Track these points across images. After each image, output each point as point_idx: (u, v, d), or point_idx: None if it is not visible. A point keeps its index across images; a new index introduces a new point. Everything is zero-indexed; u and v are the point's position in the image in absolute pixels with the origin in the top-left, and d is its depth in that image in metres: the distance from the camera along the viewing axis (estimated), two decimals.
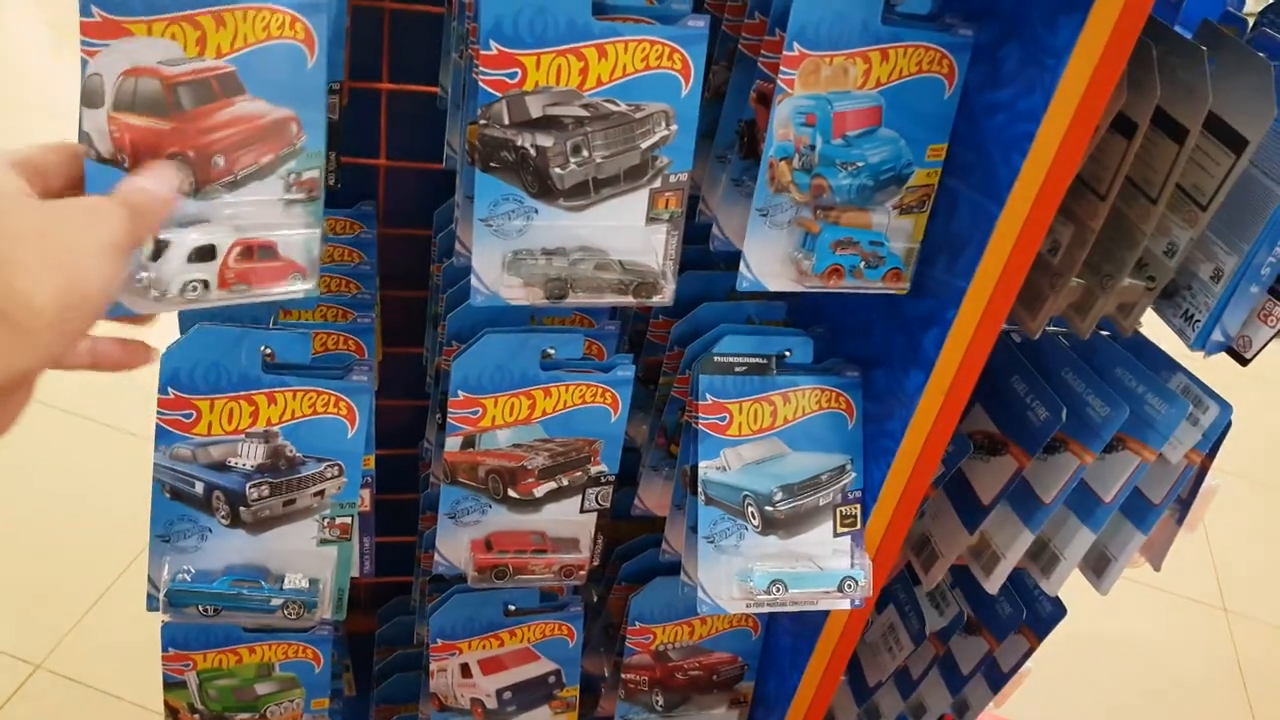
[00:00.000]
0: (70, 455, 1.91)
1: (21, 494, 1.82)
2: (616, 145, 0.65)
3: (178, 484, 0.72)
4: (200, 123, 0.57)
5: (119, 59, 0.57)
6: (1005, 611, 0.95)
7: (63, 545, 1.73)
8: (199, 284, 0.60)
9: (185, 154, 0.58)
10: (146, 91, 0.57)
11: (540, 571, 0.80)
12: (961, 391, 0.74)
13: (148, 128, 0.57)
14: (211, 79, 0.57)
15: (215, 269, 0.60)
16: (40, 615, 1.61)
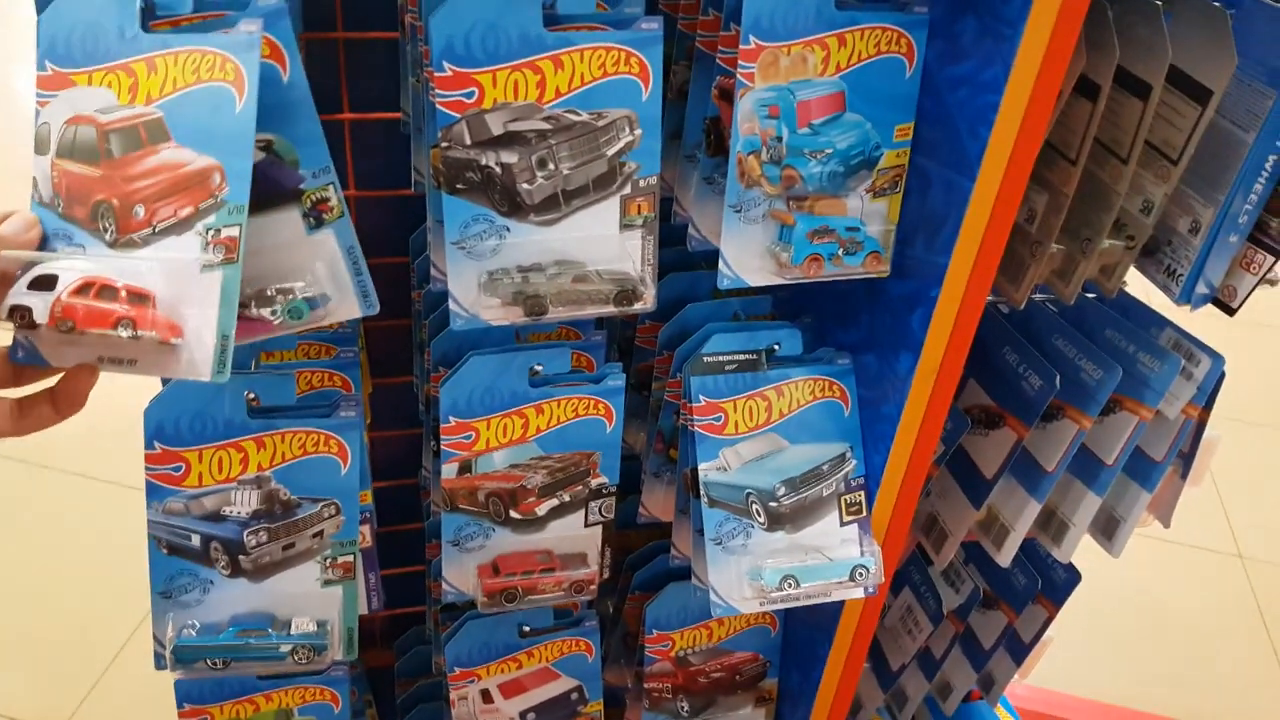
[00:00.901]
0: (74, 515, 1.90)
1: (29, 557, 1.81)
2: (582, 155, 0.65)
3: (174, 538, 0.71)
4: (126, 170, 0.56)
5: (64, 108, 0.57)
6: (1020, 583, 0.95)
7: (75, 606, 1.72)
8: (25, 311, 0.54)
9: (109, 201, 0.57)
10: (84, 139, 0.57)
11: (550, 590, 0.79)
12: (953, 369, 0.73)
13: (81, 174, 0.57)
14: (139, 125, 0.57)
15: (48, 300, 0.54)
16: (60, 677, 1.60)
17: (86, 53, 0.56)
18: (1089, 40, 0.65)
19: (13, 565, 1.79)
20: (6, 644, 1.66)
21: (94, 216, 0.57)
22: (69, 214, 0.57)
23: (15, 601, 1.73)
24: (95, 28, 0.55)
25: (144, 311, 0.55)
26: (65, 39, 0.55)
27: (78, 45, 0.56)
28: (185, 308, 0.56)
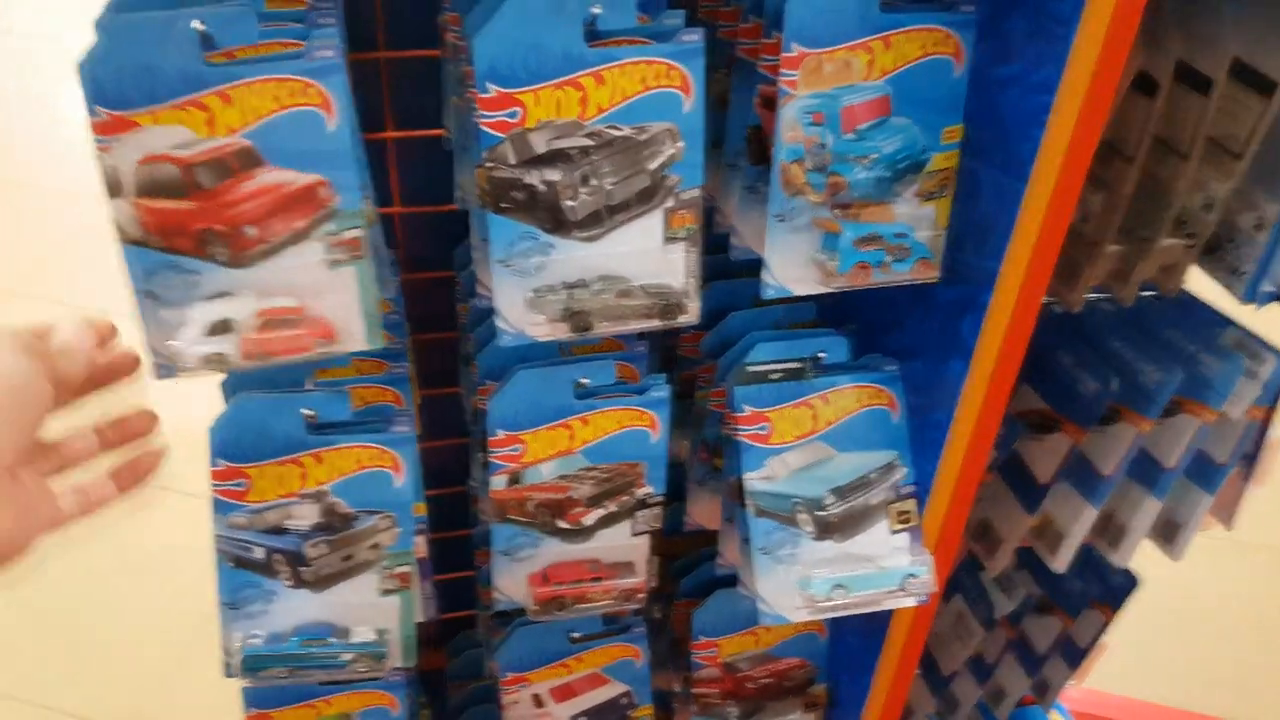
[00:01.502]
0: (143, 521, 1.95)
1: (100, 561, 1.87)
2: (624, 170, 0.65)
3: (239, 551, 0.73)
4: (223, 197, 0.59)
5: (132, 150, 0.58)
6: (1076, 588, 0.93)
7: (141, 609, 1.78)
8: (219, 356, 0.61)
9: (214, 228, 0.59)
10: (165, 176, 0.58)
11: (599, 599, 0.80)
12: (1006, 376, 0.72)
13: (171, 209, 0.59)
14: (228, 156, 0.58)
15: (235, 341, 0.61)
16: (127, 680, 1.65)
17: (144, 93, 0.57)
18: (1146, 35, 0.63)
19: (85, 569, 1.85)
20: (78, 646, 1.72)
21: (201, 244, 0.60)
22: (171, 246, 0.60)
23: (86, 604, 1.78)
24: (149, 69, 0.56)
25: (322, 324, 0.62)
26: (116, 82, 0.56)
27: (131, 87, 0.56)
28: (330, 304, 0.62)
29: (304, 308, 0.62)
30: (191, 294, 0.62)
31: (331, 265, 0.62)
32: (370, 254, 0.63)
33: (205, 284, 0.62)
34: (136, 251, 0.60)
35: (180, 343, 0.61)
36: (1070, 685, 1.00)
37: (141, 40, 0.56)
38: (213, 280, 0.61)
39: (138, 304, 0.62)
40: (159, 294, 0.61)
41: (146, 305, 0.62)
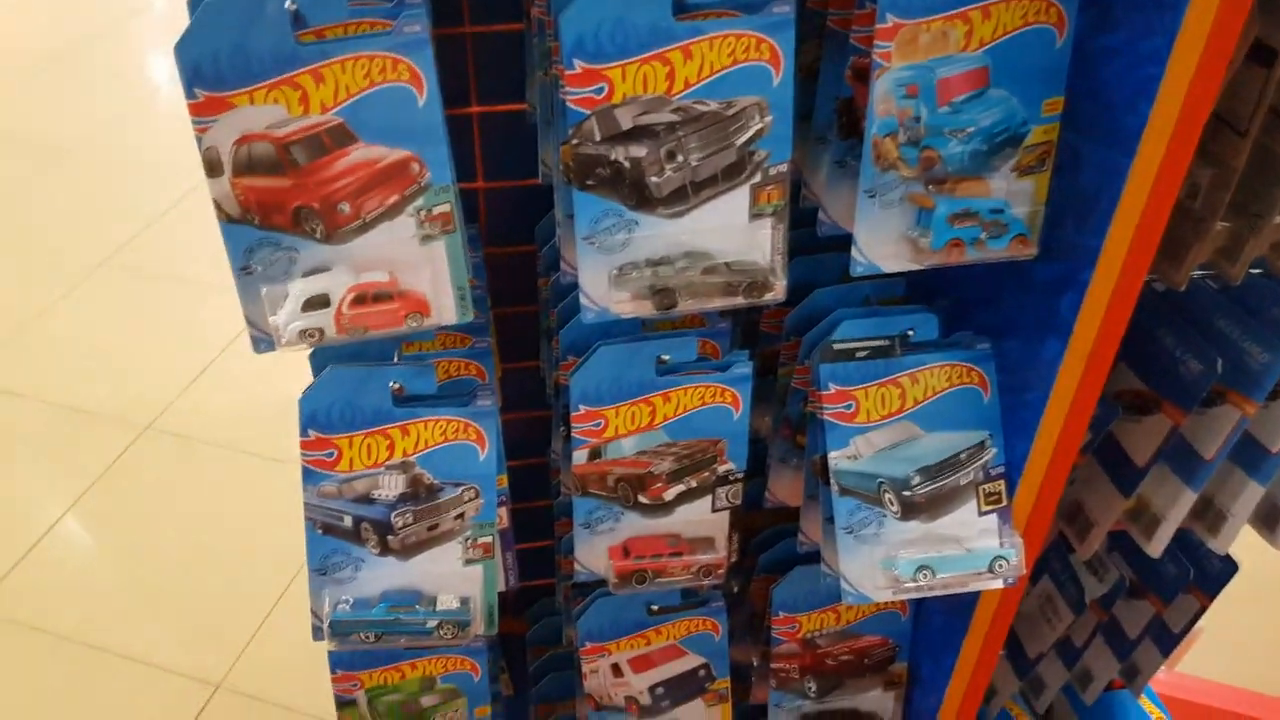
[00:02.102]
0: (228, 485, 2.03)
1: (182, 525, 1.95)
2: (711, 145, 0.64)
3: (328, 519, 0.75)
4: (318, 175, 0.60)
5: (229, 130, 0.59)
6: (1170, 572, 0.90)
7: (228, 569, 1.85)
8: (316, 331, 0.63)
9: (310, 205, 0.60)
10: (261, 154, 0.59)
11: (679, 574, 0.80)
12: (1104, 356, 0.70)
13: (268, 186, 0.60)
14: (322, 133, 0.59)
15: (330, 316, 0.63)
16: (216, 637, 1.72)
17: (239, 74, 0.58)
18: (1263, 3, 0.60)
19: (173, 532, 1.93)
20: (163, 602, 1.80)
21: (297, 221, 0.61)
22: (269, 223, 0.61)
23: (173, 564, 1.86)
24: (243, 50, 0.57)
25: (414, 297, 0.64)
26: (211, 64, 0.57)
27: (227, 68, 0.57)
28: (421, 278, 0.64)
29: (396, 282, 0.64)
30: (289, 270, 0.63)
31: (423, 240, 0.63)
32: (460, 229, 0.64)
33: (302, 260, 0.63)
34: (235, 229, 0.62)
35: (278, 318, 0.63)
36: (1161, 671, 0.97)
37: (235, 21, 0.57)
38: (309, 256, 0.63)
39: (237, 280, 0.63)
40: (257, 270, 0.63)
41: (245, 281, 0.63)
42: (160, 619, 1.77)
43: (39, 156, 3.05)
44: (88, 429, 2.13)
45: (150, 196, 2.83)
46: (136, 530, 1.94)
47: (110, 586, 1.84)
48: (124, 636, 1.73)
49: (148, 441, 2.10)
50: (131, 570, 1.87)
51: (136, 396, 2.19)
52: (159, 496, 2.00)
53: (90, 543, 1.93)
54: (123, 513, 1.96)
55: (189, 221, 2.74)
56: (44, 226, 2.77)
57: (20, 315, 2.44)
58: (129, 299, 2.52)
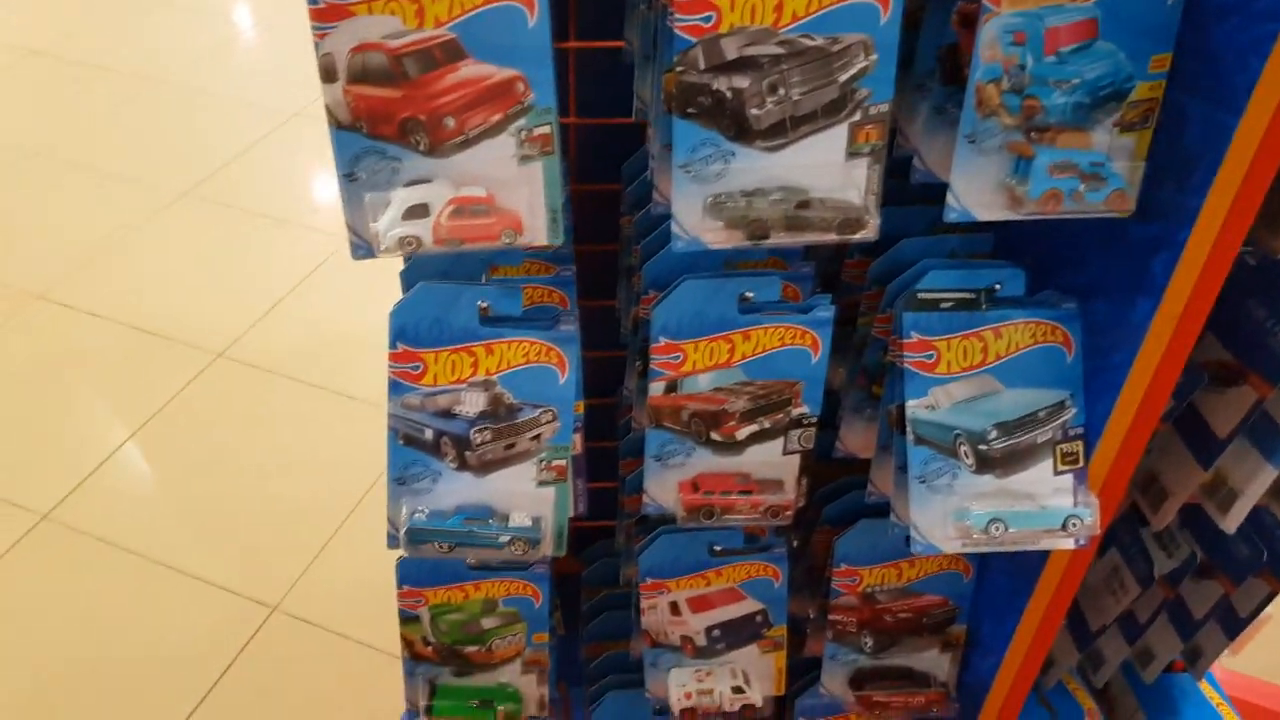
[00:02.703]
0: (292, 416, 2.09)
1: (247, 451, 2.01)
2: (814, 81, 0.64)
3: (410, 431, 0.77)
4: (428, 88, 0.62)
5: (346, 38, 0.61)
6: (1243, 553, 0.89)
7: (288, 498, 1.91)
8: (414, 239, 0.65)
9: (417, 117, 0.62)
10: (375, 64, 0.61)
11: (747, 512, 0.81)
12: (1195, 319, 0.69)
13: (380, 96, 0.62)
14: (434, 47, 0.61)
15: (429, 225, 0.65)
16: (274, 562, 1.78)
17: None
18: None
19: (238, 458, 1.99)
20: (225, 525, 1.86)
21: (404, 132, 0.63)
22: (376, 133, 0.63)
23: (236, 489, 1.93)
24: None
25: (510, 215, 0.65)
26: None
27: None
28: (517, 197, 0.65)
29: (494, 198, 0.65)
30: (391, 179, 0.65)
31: (522, 160, 0.65)
32: (558, 153, 0.65)
33: (404, 171, 0.65)
34: (344, 136, 0.64)
35: (379, 224, 0.65)
36: (1225, 656, 0.96)
37: None
38: (411, 167, 0.65)
39: (341, 186, 0.66)
40: (362, 177, 0.65)
41: (350, 188, 0.65)
42: (221, 541, 1.83)
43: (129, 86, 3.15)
44: (161, 353, 2.20)
45: (235, 133, 2.90)
46: (203, 454, 2.00)
47: (174, 507, 1.91)
48: (185, 555, 1.79)
49: (218, 369, 2.17)
50: (196, 492, 1.93)
51: (210, 325, 2.26)
52: (226, 423, 2.07)
53: (157, 463, 2.00)
54: (190, 437, 2.03)
55: (272, 159, 2.81)
56: (129, 154, 2.85)
57: (101, 239, 2.52)
58: (208, 230, 2.59)
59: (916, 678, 0.97)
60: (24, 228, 2.59)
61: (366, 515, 1.83)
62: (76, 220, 2.60)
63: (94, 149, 2.86)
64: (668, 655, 0.96)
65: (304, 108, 2.96)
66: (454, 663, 0.96)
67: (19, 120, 3.00)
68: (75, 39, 3.36)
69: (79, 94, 3.11)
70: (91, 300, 2.33)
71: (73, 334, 2.25)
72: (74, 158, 2.82)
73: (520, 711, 0.97)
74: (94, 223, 2.58)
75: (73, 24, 3.45)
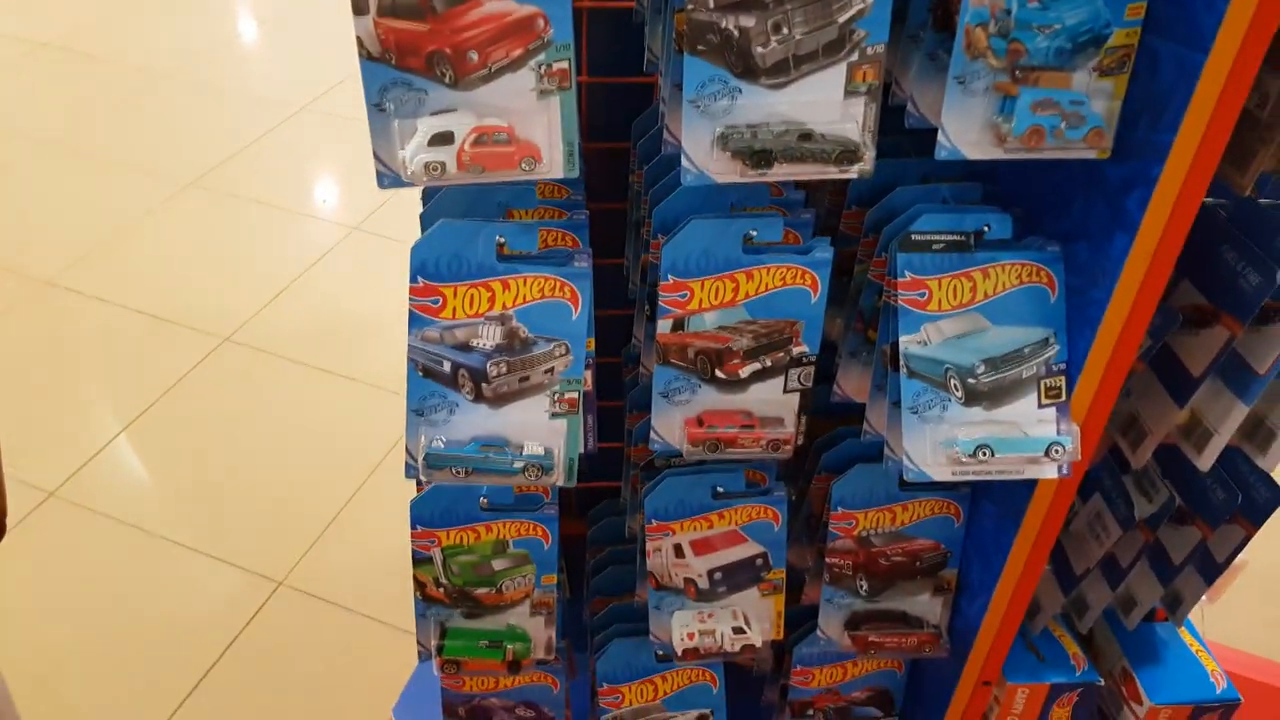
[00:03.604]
0: (297, 397, 2.12)
1: (253, 432, 2.04)
2: (815, 21, 0.69)
3: (429, 363, 0.81)
4: (453, 23, 0.66)
5: None
6: (1219, 498, 0.93)
7: (296, 477, 1.94)
8: (439, 165, 0.69)
9: (443, 50, 0.66)
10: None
11: (749, 446, 0.85)
12: (1169, 253, 0.74)
13: (408, 29, 0.66)
14: None
15: (453, 152, 0.69)
16: (280, 539, 1.81)
17: None
18: None
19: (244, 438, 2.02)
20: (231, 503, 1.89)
21: (430, 64, 0.68)
22: (404, 64, 0.68)
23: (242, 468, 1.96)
24: None
25: (529, 146, 0.69)
26: None
27: None
28: (536, 129, 0.69)
29: (514, 129, 0.70)
30: (417, 110, 0.70)
31: (541, 94, 0.69)
32: (574, 88, 0.70)
33: (430, 102, 0.69)
34: (373, 67, 0.68)
35: (406, 151, 0.69)
36: (1204, 602, 1.00)
37: None
38: (437, 99, 0.69)
39: (370, 116, 0.70)
40: (389, 108, 0.70)
41: (378, 117, 0.70)
42: (227, 518, 1.86)
43: (140, 79, 3.20)
44: (169, 337, 2.24)
45: (243, 125, 2.95)
46: (209, 434, 2.03)
47: (182, 485, 1.94)
48: (191, 531, 1.82)
49: (225, 352, 2.21)
50: (203, 471, 1.96)
51: (217, 310, 2.30)
52: (232, 405, 2.10)
53: (163, 443, 2.03)
54: (197, 418, 2.07)
55: (279, 151, 2.86)
56: (139, 144, 2.90)
57: (111, 226, 2.56)
58: (216, 218, 2.64)
59: (910, 620, 1.01)
60: (34, 215, 2.63)
61: (371, 494, 1.86)
62: (85, 208, 2.65)
63: (102, 140, 2.91)
64: (671, 598, 1.00)
65: (309, 103, 3.02)
66: (465, 604, 0.99)
67: (29, 111, 3.05)
68: (84, 32, 3.42)
69: (88, 86, 3.17)
70: (100, 286, 2.37)
71: (82, 319, 2.29)
72: (82, 148, 2.87)
73: (528, 652, 1.00)
74: (103, 211, 2.63)
75: (82, 18, 3.51)
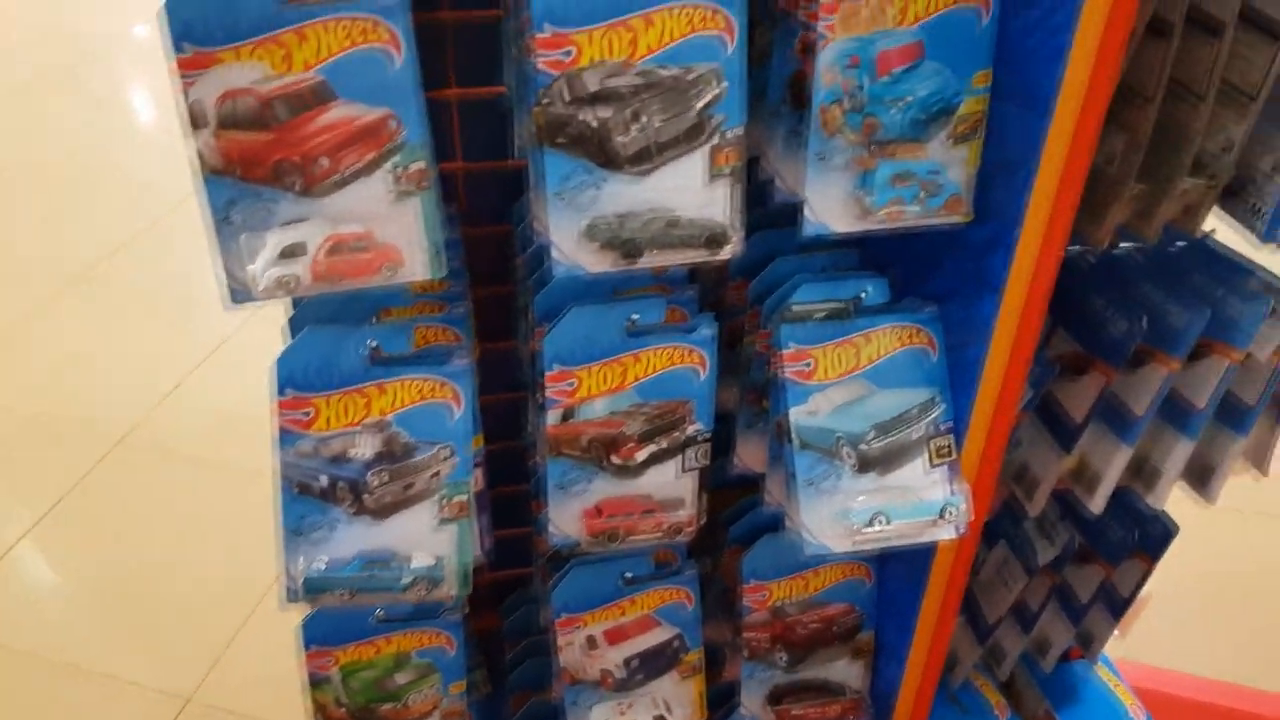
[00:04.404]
0: (199, 497, 2.02)
1: (155, 538, 1.94)
2: (673, 109, 0.69)
3: (304, 479, 0.77)
4: (299, 130, 0.64)
5: (214, 85, 0.63)
6: (1116, 535, 0.95)
7: (198, 583, 1.84)
8: (292, 279, 0.66)
9: (291, 159, 0.64)
10: (245, 109, 0.64)
11: (650, 532, 0.84)
12: (1036, 309, 0.75)
13: (250, 140, 0.64)
14: (304, 90, 0.64)
15: (306, 264, 0.66)
16: (185, 653, 1.71)
17: (226, 31, 0.62)
18: None
19: (144, 546, 1.91)
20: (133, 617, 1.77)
21: (277, 174, 0.65)
22: (250, 176, 0.65)
23: (144, 579, 1.85)
24: (231, 8, 0.62)
25: (389, 250, 0.67)
26: (200, 21, 0.61)
27: (215, 26, 0.62)
28: (396, 232, 0.67)
29: (371, 234, 0.67)
30: (267, 221, 0.66)
31: (398, 196, 0.67)
32: (435, 187, 0.68)
33: (280, 213, 0.67)
34: (216, 181, 0.65)
35: (255, 266, 0.66)
36: (1114, 638, 1.01)
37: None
38: (287, 209, 0.67)
39: (215, 232, 0.67)
40: (237, 220, 0.66)
41: (224, 232, 0.66)
42: (130, 634, 1.75)
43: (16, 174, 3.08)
44: (59, 442, 2.12)
45: (128, 216, 2.86)
46: (107, 545, 1.92)
47: (79, 602, 1.82)
48: (92, 652, 1.70)
49: (121, 455, 2.10)
50: (101, 586, 1.85)
51: (110, 410, 2.19)
52: (131, 510, 1.99)
53: (59, 558, 1.91)
54: (93, 526, 1.95)
55: (166, 241, 2.77)
56: (20, 241, 2.78)
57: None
58: (104, 314, 2.53)
59: (832, 688, 1.00)
60: None
61: (280, 595, 1.77)
62: None
63: None
64: (588, 692, 0.96)
65: None
66: None
67: None
68: None
69: None
70: None
71: None
72: None
73: None
74: None
75: None
